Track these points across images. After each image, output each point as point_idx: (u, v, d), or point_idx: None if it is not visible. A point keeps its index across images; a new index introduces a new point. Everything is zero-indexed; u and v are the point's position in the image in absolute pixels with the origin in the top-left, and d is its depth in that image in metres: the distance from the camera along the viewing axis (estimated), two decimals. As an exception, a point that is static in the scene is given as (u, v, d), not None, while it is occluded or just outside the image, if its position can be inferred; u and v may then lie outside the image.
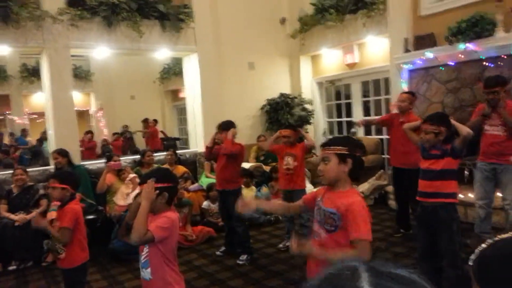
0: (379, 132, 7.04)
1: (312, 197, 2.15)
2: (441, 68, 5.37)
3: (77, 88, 9.26)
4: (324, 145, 2.02)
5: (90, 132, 9.76)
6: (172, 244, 2.11)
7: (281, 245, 4.50)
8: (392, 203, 5.63)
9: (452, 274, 2.86)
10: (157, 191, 2.05)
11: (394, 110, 4.64)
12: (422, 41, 5.58)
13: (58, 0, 5.59)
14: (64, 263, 2.74)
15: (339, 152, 1.92)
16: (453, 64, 5.19)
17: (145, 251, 2.09)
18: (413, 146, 3.60)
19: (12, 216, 4.49)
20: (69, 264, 2.73)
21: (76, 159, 5.43)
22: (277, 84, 7.87)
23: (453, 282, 2.85)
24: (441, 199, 2.92)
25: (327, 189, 2.02)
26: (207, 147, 4.42)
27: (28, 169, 5.02)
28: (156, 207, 2.08)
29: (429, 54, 5.31)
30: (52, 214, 4.20)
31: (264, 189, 6.04)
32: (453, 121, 3.05)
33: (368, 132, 7.25)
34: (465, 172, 4.80)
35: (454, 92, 5.29)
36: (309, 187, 5.32)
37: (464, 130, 2.95)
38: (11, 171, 4.97)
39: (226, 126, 4.19)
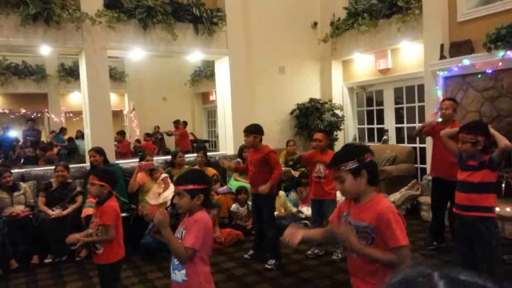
0: (412, 140, 6.90)
1: (337, 217, 2.05)
2: (478, 76, 5.23)
3: (112, 89, 9.49)
4: (332, 166, 1.94)
5: (122, 132, 10.02)
6: (207, 245, 2.14)
7: (309, 252, 4.46)
8: (425, 214, 5.50)
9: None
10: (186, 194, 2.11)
11: (438, 119, 4.49)
12: (459, 48, 5.45)
13: (97, 2, 5.77)
14: (101, 259, 2.82)
15: (350, 168, 1.85)
16: (491, 72, 5.05)
17: None
18: (453, 158, 3.48)
19: (50, 212, 4.66)
20: (106, 260, 2.81)
21: (111, 157, 5.58)
22: (307, 89, 7.85)
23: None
24: (479, 213, 2.83)
25: (352, 202, 1.95)
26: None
27: (66, 166, 5.20)
28: (191, 209, 2.13)
29: (466, 61, 5.18)
30: (88, 210, 4.37)
31: (293, 195, 6.03)
32: (492, 131, 2.95)
33: (401, 140, 7.12)
34: (503, 185, 4.64)
35: (491, 101, 5.14)
36: (340, 197, 5.26)
37: (503, 142, 2.84)
38: (51, 167, 5.16)
39: (254, 129, 4.21)
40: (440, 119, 4.48)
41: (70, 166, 5.33)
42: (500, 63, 4.84)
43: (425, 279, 0.59)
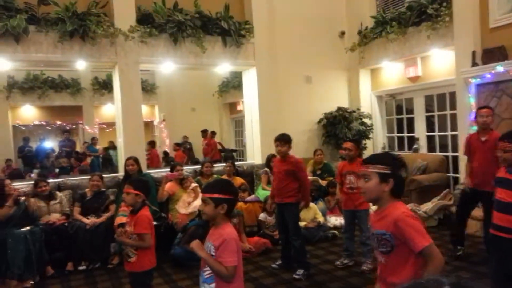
0: (443, 148, 6.74)
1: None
2: (513, 82, 5.09)
3: (143, 100, 9.78)
4: (366, 162, 1.94)
5: (152, 142, 10.26)
6: (239, 258, 2.13)
7: (338, 262, 4.41)
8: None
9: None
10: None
11: (471, 129, 4.37)
12: (491, 54, 5.32)
13: (130, 19, 5.99)
14: (134, 267, 2.88)
15: (380, 171, 1.86)
16: (526, 78, 4.90)
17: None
18: (492, 168, 3.41)
19: (84, 220, 4.83)
20: (139, 268, 2.87)
21: (143, 167, 5.72)
22: (335, 98, 7.83)
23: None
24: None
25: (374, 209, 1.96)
26: None
27: (99, 176, 5.38)
28: (215, 219, 2.16)
29: (499, 67, 5.05)
30: (121, 219, 4.49)
31: (321, 204, 5.99)
32: None
33: (432, 149, 6.97)
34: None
35: (527, 109, 4.98)
36: (372, 207, 5.20)
37: None
38: (86, 177, 5.34)
39: (288, 139, 4.21)
40: (473, 128, 4.37)
41: (104, 175, 5.50)
42: (536, 69, 4.70)
43: (434, 283, 0.61)
